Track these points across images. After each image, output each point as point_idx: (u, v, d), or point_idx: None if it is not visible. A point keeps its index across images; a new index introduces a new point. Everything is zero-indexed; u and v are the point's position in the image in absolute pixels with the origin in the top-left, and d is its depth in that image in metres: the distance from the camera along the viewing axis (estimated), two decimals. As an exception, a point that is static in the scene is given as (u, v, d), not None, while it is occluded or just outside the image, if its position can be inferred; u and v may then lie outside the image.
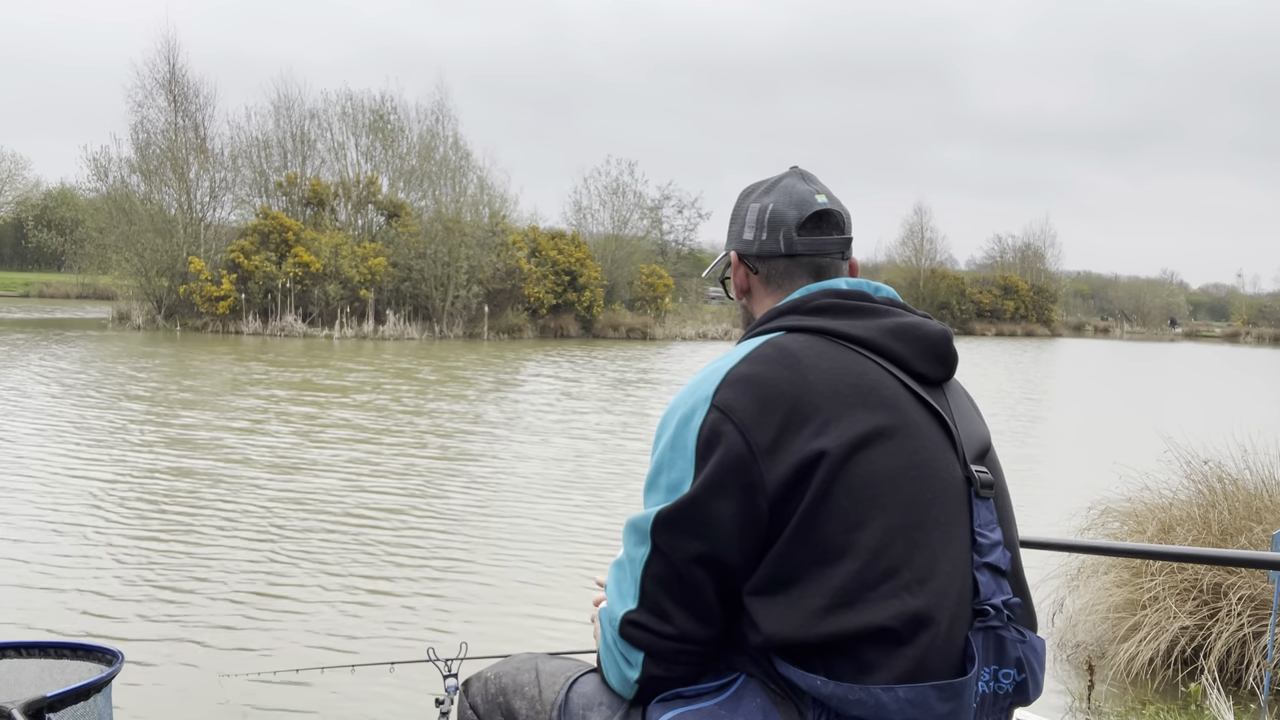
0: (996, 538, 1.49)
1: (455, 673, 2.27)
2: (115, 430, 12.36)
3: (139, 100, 36.53)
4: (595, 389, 20.52)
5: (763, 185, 1.68)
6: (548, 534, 8.17)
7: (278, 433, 12.73)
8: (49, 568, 6.61)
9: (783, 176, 1.68)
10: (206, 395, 16.42)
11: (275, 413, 14.58)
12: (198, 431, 12.57)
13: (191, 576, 6.55)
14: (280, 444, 11.87)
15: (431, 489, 9.76)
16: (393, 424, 14.03)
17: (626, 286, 44.31)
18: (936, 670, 1.37)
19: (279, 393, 17.08)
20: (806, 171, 1.69)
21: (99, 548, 7.14)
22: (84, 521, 7.83)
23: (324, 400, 16.40)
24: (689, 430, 1.44)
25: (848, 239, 1.66)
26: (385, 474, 10.34)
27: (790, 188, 1.65)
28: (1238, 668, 5.09)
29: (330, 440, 12.31)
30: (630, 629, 1.47)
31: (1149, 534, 5.88)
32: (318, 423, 13.77)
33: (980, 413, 1.64)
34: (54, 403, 14.63)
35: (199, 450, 11.23)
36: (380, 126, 38.91)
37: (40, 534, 7.40)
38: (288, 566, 6.89)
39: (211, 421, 13.43)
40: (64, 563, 6.73)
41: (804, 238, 1.62)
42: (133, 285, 35.56)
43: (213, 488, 9.27)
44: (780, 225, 1.62)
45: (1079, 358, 44.82)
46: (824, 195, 1.64)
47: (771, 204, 1.64)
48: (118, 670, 1.99)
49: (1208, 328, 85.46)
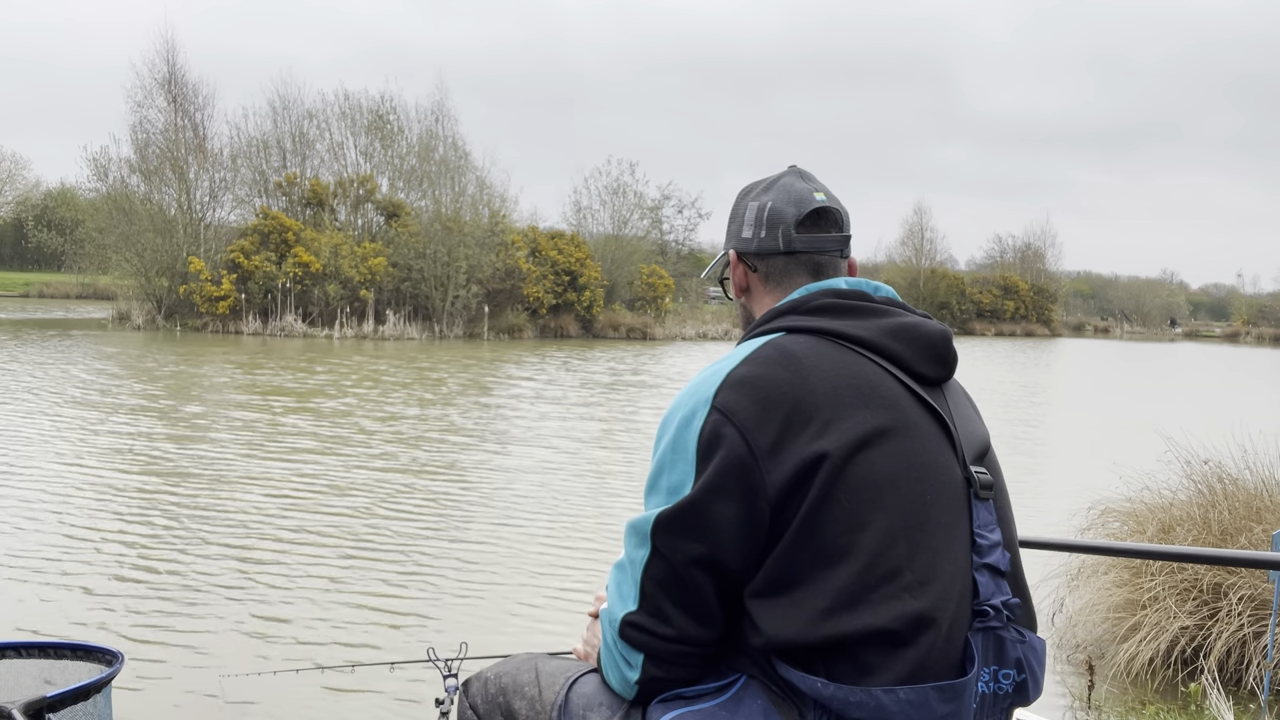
0: (996, 538, 1.50)
1: (455, 673, 2.27)
2: (114, 430, 12.36)
3: (138, 100, 36.65)
4: (596, 389, 20.52)
5: (761, 184, 1.69)
6: (548, 534, 8.17)
7: (277, 433, 12.73)
8: (49, 568, 6.60)
9: (781, 175, 1.69)
10: (206, 395, 16.41)
11: (274, 412, 14.58)
12: (197, 431, 12.57)
13: (192, 577, 6.54)
14: (280, 444, 11.87)
15: (432, 489, 9.76)
16: (392, 424, 14.03)
17: (626, 286, 44.31)
18: (937, 671, 1.37)
19: (279, 392, 17.08)
20: (804, 170, 1.70)
21: (99, 548, 7.14)
22: (83, 521, 7.83)
23: (324, 399, 16.40)
24: (690, 432, 1.44)
25: (846, 236, 1.67)
26: (385, 475, 10.34)
27: (789, 186, 1.65)
28: (1238, 668, 5.09)
29: (330, 440, 12.31)
30: (630, 630, 1.47)
31: (1149, 534, 5.88)
32: (317, 423, 13.77)
33: (979, 413, 1.64)
34: (53, 403, 14.63)
35: (198, 450, 11.23)
36: (380, 126, 38.93)
37: (40, 534, 7.40)
38: (288, 566, 6.89)
39: (211, 421, 13.43)
40: (64, 563, 6.73)
41: (803, 235, 1.62)
42: (133, 285, 35.59)
43: (213, 488, 9.27)
44: (779, 223, 1.62)
45: (1079, 358, 44.81)
46: (822, 193, 1.65)
47: (770, 202, 1.64)
48: (118, 670, 1.99)
49: (1208, 328, 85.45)
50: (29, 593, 6.13)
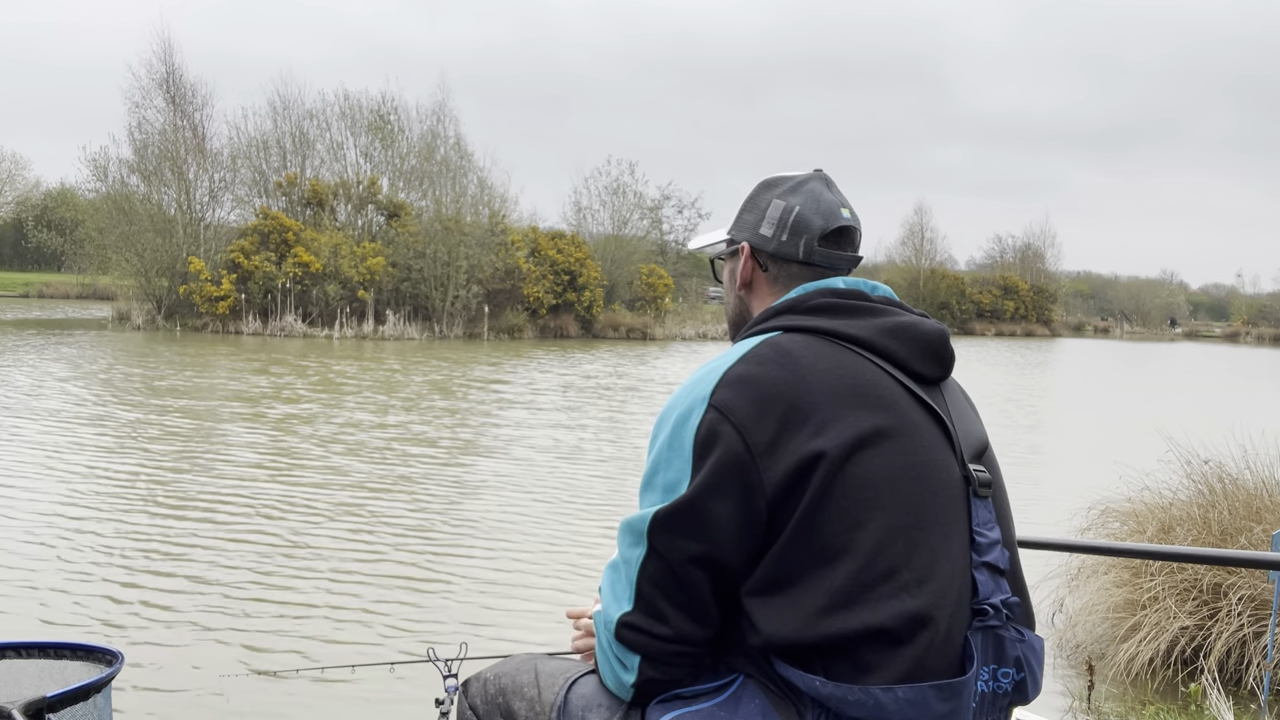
0: (995, 537, 1.50)
1: (455, 673, 2.27)
2: (113, 430, 12.36)
3: (136, 101, 36.64)
4: (596, 389, 20.51)
5: (787, 182, 1.66)
6: (548, 534, 8.17)
7: (276, 433, 12.73)
8: (48, 568, 6.60)
9: (808, 179, 1.67)
10: (206, 395, 16.41)
11: (275, 412, 14.58)
12: (197, 431, 12.56)
13: (191, 577, 6.54)
14: (279, 444, 11.87)
15: (432, 489, 9.76)
16: (392, 424, 14.03)
17: (626, 286, 44.31)
18: (935, 670, 1.37)
19: (281, 393, 17.08)
20: (829, 178, 1.68)
21: (99, 548, 7.14)
22: (83, 522, 7.83)
23: (323, 400, 16.41)
24: (686, 430, 1.44)
25: (859, 258, 1.68)
26: (385, 475, 10.34)
27: (817, 194, 1.64)
28: (1238, 668, 5.09)
29: (329, 440, 12.31)
30: (626, 632, 1.47)
31: (1149, 534, 5.88)
32: (316, 423, 13.77)
33: (977, 412, 1.64)
34: (53, 403, 14.63)
35: (197, 450, 11.23)
36: (380, 127, 38.93)
37: (39, 535, 7.40)
38: (287, 567, 6.89)
39: (212, 421, 13.43)
40: (63, 563, 6.73)
41: (823, 249, 1.62)
42: (132, 285, 35.59)
43: (212, 488, 9.27)
44: (804, 232, 1.61)
45: (1079, 358, 44.81)
46: (848, 210, 1.65)
47: (798, 207, 1.62)
48: (117, 670, 1.99)
49: (1208, 328, 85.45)
50: (29, 593, 6.12)
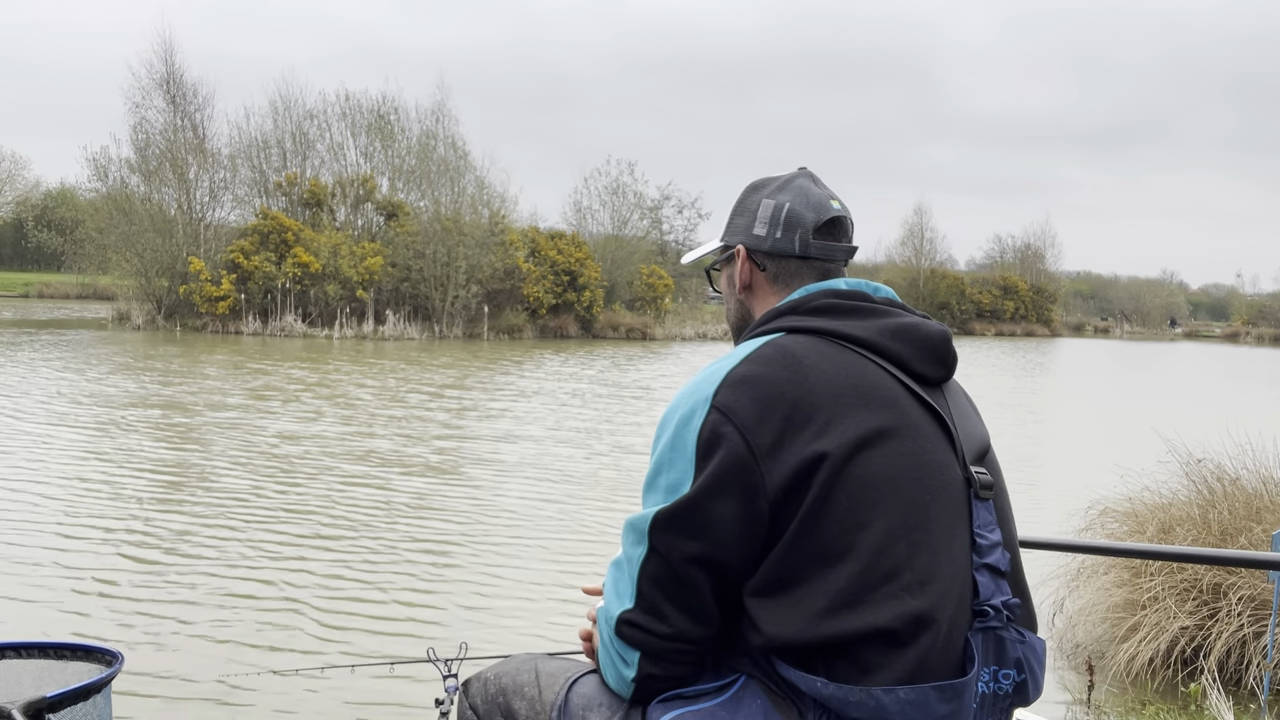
0: (996, 538, 1.50)
1: (455, 673, 2.27)
2: (114, 430, 12.35)
3: (137, 101, 36.62)
4: (597, 389, 20.51)
5: (774, 182, 1.68)
6: (549, 534, 8.16)
7: (276, 433, 12.73)
8: (48, 568, 6.60)
9: (795, 177, 1.69)
10: (206, 394, 16.41)
11: (273, 412, 14.58)
12: (196, 431, 12.56)
13: (191, 577, 6.54)
14: (279, 444, 11.87)
15: (432, 489, 9.76)
16: (391, 425, 14.02)
17: (626, 287, 44.30)
18: (937, 671, 1.37)
19: (281, 392, 17.08)
20: (815, 175, 1.71)
21: (99, 548, 7.13)
22: (83, 521, 7.83)
23: (323, 399, 16.40)
24: (689, 431, 1.45)
25: (854, 248, 1.69)
26: (385, 475, 10.34)
27: (805, 189, 1.65)
28: (1238, 668, 5.09)
29: (328, 439, 12.31)
30: (626, 628, 1.48)
31: (1149, 534, 5.87)
32: (316, 423, 13.77)
33: (979, 413, 1.65)
34: (52, 403, 14.62)
35: (197, 450, 11.23)
36: (381, 127, 38.93)
37: (40, 535, 7.40)
38: (287, 567, 6.89)
39: (213, 421, 13.43)
40: (63, 563, 6.72)
41: (818, 241, 1.63)
42: (132, 285, 35.58)
43: (212, 488, 9.27)
44: (797, 226, 1.63)
45: (1079, 358, 44.81)
46: (837, 201, 1.67)
47: (789, 203, 1.64)
48: (117, 671, 1.99)
49: (1207, 328, 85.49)
50: (29, 593, 6.12)
